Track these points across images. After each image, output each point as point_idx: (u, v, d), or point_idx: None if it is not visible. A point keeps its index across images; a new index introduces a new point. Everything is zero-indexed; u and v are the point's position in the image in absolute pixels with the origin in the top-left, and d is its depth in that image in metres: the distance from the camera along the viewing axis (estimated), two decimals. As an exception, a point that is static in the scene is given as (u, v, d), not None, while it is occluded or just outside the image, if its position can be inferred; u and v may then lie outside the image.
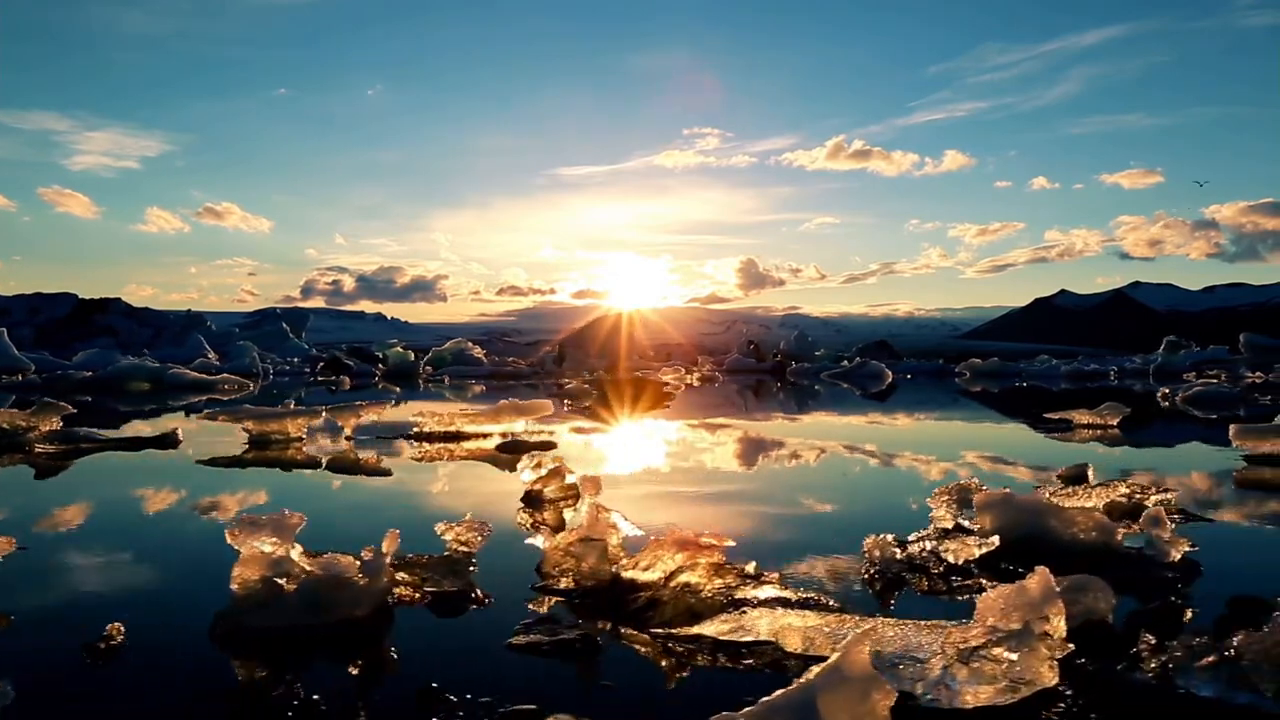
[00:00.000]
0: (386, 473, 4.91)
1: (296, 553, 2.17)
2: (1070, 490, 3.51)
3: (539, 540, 2.59)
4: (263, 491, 4.28)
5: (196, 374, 14.99)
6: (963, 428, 8.90)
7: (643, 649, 1.95)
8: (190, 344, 23.00)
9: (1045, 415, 8.15)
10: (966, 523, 3.00)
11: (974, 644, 1.64)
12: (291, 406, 6.49)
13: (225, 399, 12.08)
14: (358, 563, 2.12)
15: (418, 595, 2.30)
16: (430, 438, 6.48)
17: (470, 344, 29.83)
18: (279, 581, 2.02)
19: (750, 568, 2.28)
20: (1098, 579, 2.16)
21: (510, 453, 5.82)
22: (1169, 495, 3.62)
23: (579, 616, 2.17)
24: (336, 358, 21.97)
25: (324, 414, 6.54)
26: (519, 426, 6.84)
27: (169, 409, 10.28)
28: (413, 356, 29.32)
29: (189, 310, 39.33)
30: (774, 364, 29.28)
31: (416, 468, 5.18)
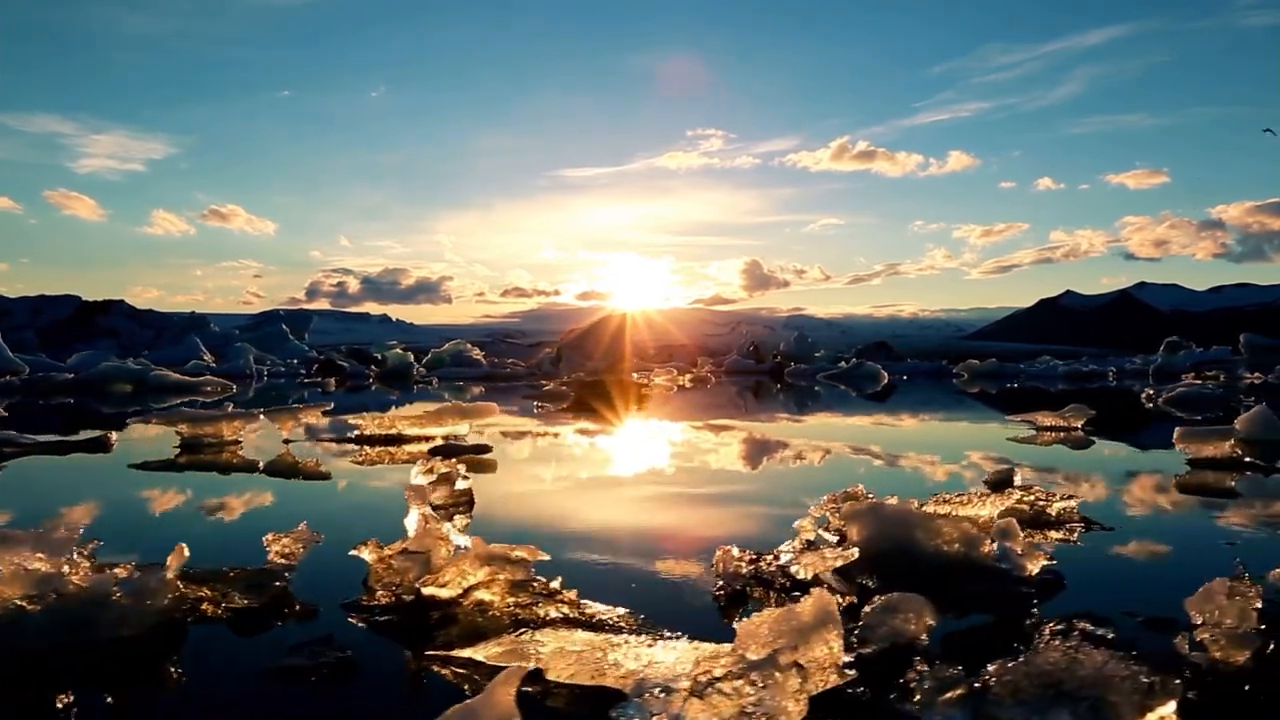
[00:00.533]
0: (325, 476, 4.82)
1: (79, 568, 2.07)
2: (967, 496, 3.37)
3: (366, 553, 2.48)
4: (179, 495, 4.19)
5: (180, 376, 14.97)
6: (925, 429, 8.73)
7: (406, 674, 1.83)
8: (186, 346, 23.05)
9: (1008, 417, 7.98)
10: (828, 534, 2.86)
11: (716, 674, 1.52)
12: (263, 409, 6.42)
13: (208, 400, 12.02)
14: (127, 578, 2.01)
15: (215, 611, 2.20)
16: (370, 441, 6.38)
17: (469, 345, 29.83)
18: (26, 603, 1.92)
19: (555, 584, 2.16)
20: (917, 598, 2.02)
21: (442, 456, 5.71)
22: (1073, 502, 3.47)
23: (372, 636, 2.06)
24: (330, 359, 21.96)
25: (261, 416, 6.46)
26: (463, 429, 6.74)
27: (144, 410, 10.24)
28: (412, 358, 29.32)
29: (192, 312, 39.49)
30: (772, 365, 29.12)
31: (351, 472, 5.06)
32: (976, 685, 1.42)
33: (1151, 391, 12.02)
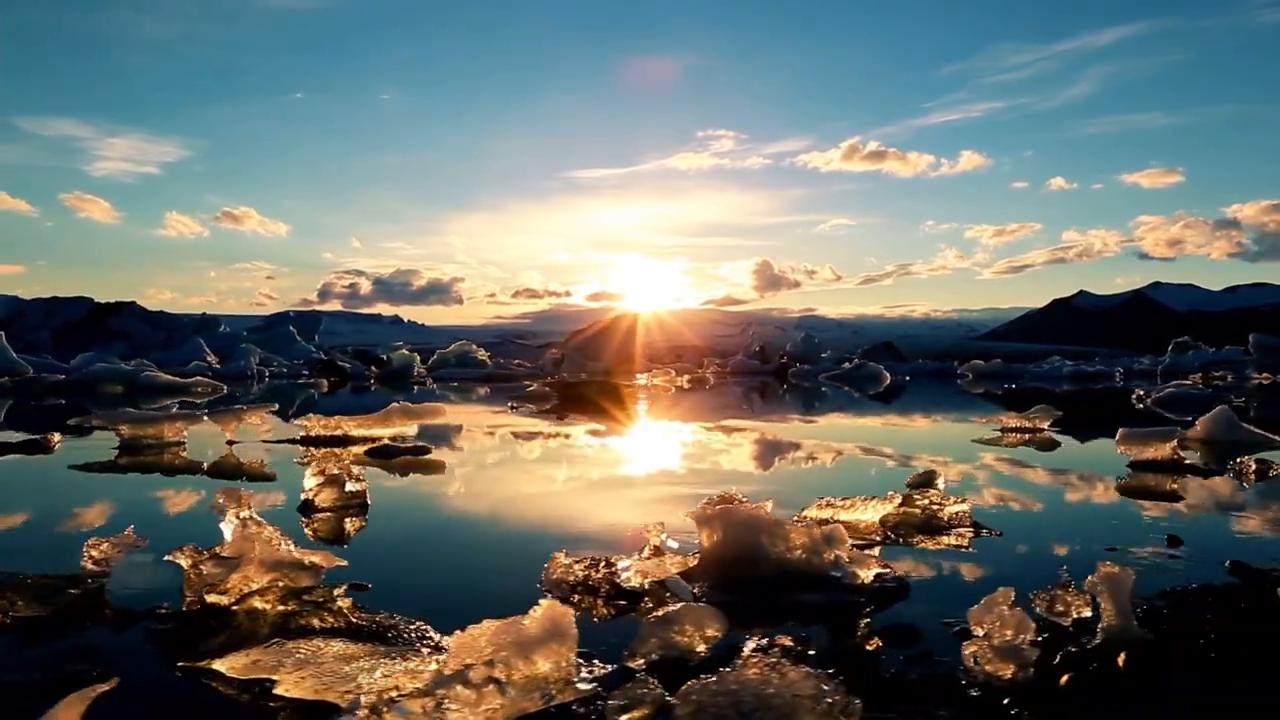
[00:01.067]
0: (270, 477, 4.78)
1: None
2: (853, 501, 3.25)
3: (183, 559, 2.42)
4: (86, 498, 4.16)
5: (170, 377, 15.05)
6: (894, 430, 8.56)
7: (148, 688, 1.76)
8: (190, 347, 23.26)
9: (975, 419, 7.81)
10: (673, 542, 2.76)
11: (405, 689, 1.43)
12: (207, 410, 6.38)
13: (198, 401, 12.06)
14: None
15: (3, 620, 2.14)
16: (315, 442, 6.34)
17: (474, 346, 29.91)
18: None
19: (338, 591, 2.08)
20: (709, 609, 1.92)
21: (379, 457, 5.67)
22: (965, 506, 3.35)
23: (140, 647, 1.99)
24: (332, 360, 22.05)
25: (205, 418, 6.45)
26: (412, 430, 6.69)
27: (88, 411, 10.26)
28: (417, 359, 29.47)
29: (203, 314, 39.87)
30: (777, 366, 28.92)
31: (295, 472, 4.97)
32: (663, 705, 1.32)
33: (1141, 392, 11.77)
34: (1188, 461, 4.93)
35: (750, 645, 1.46)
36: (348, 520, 3.56)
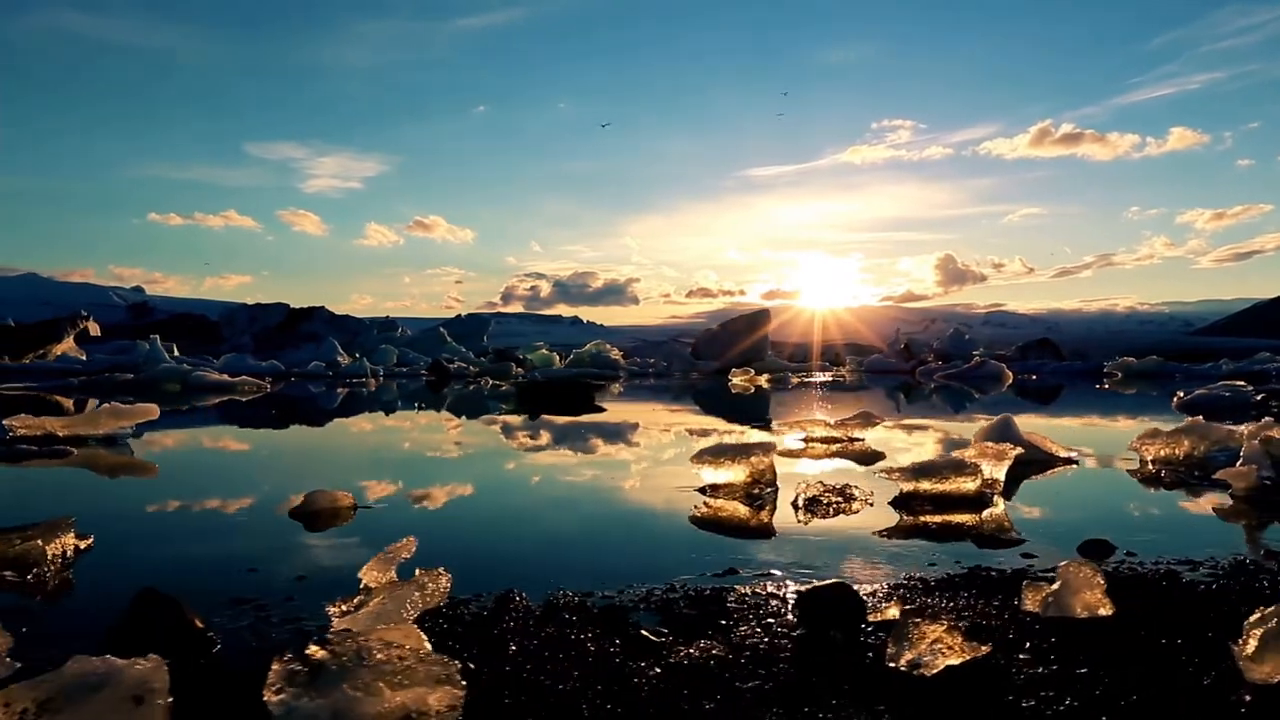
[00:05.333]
0: None
1: None
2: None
3: None
4: None
5: (219, 376, 15.90)
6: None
7: None
8: (326, 348, 25.43)
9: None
10: None
11: None
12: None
13: (244, 399, 12.94)
14: None
15: None
16: (18, 440, 6.10)
17: (608, 346, 30.52)
18: None
19: None
20: None
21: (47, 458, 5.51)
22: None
23: None
24: (438, 361, 23.35)
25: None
26: (128, 430, 6.61)
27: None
28: (557, 359, 30.57)
29: (386, 317, 43.38)
30: (913, 364, 27.20)
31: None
32: None
33: (1182, 394, 9.90)
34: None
35: None
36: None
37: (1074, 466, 4.90)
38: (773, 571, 2.61)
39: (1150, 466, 4.82)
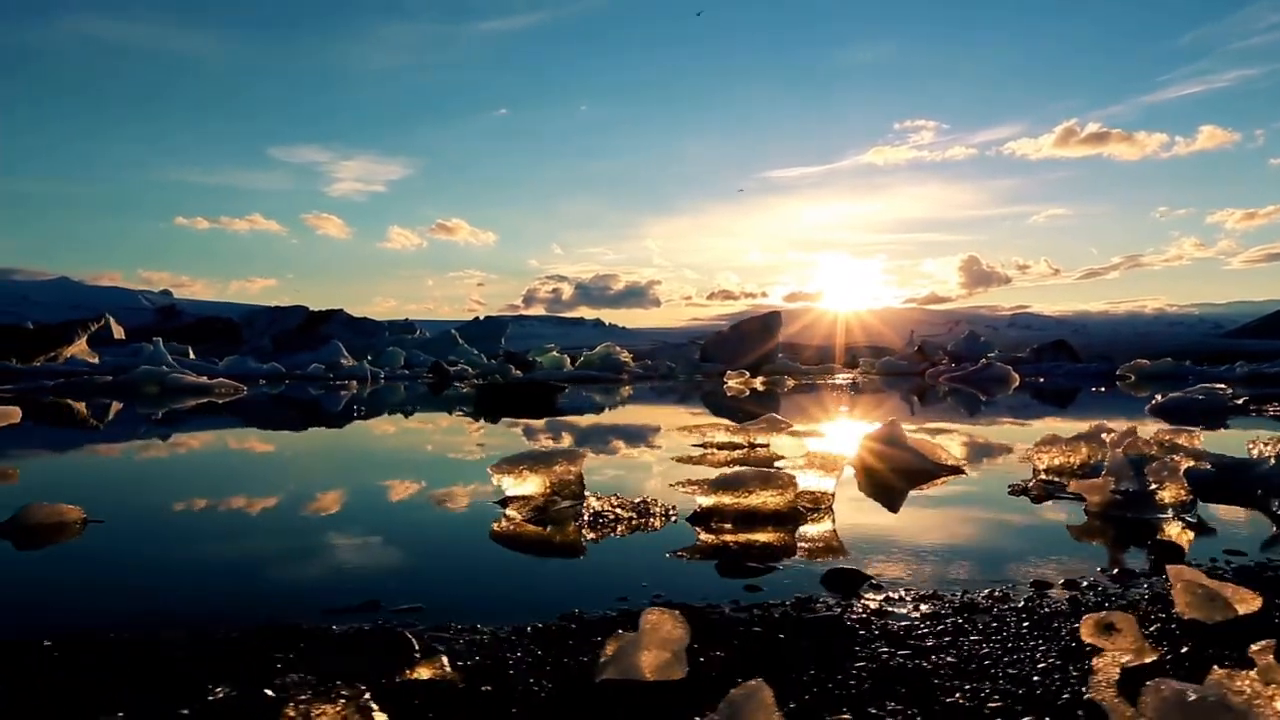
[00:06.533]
0: None
1: None
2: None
3: None
4: None
5: (194, 378, 15.76)
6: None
7: None
8: (329, 350, 25.39)
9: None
10: None
11: None
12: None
13: (220, 401, 12.86)
14: None
15: None
16: None
17: (618, 348, 30.21)
18: None
19: None
20: None
21: None
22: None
23: None
24: (439, 363, 23.18)
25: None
26: None
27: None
28: (568, 362, 30.34)
29: (406, 319, 43.59)
30: (923, 366, 26.45)
31: None
32: None
33: (1160, 398, 9.26)
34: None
35: None
36: None
37: (955, 477, 4.43)
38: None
39: (1042, 475, 4.34)
